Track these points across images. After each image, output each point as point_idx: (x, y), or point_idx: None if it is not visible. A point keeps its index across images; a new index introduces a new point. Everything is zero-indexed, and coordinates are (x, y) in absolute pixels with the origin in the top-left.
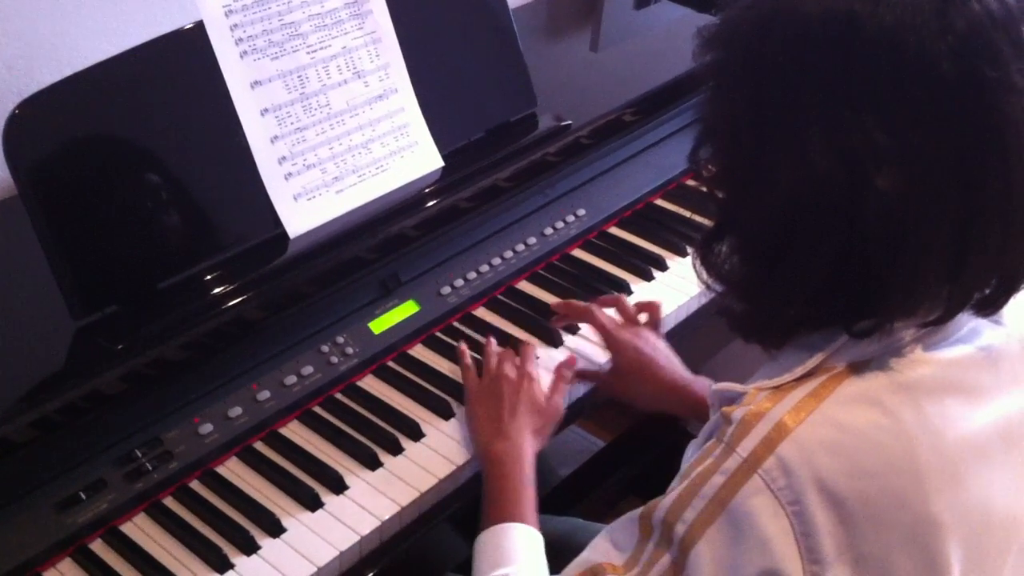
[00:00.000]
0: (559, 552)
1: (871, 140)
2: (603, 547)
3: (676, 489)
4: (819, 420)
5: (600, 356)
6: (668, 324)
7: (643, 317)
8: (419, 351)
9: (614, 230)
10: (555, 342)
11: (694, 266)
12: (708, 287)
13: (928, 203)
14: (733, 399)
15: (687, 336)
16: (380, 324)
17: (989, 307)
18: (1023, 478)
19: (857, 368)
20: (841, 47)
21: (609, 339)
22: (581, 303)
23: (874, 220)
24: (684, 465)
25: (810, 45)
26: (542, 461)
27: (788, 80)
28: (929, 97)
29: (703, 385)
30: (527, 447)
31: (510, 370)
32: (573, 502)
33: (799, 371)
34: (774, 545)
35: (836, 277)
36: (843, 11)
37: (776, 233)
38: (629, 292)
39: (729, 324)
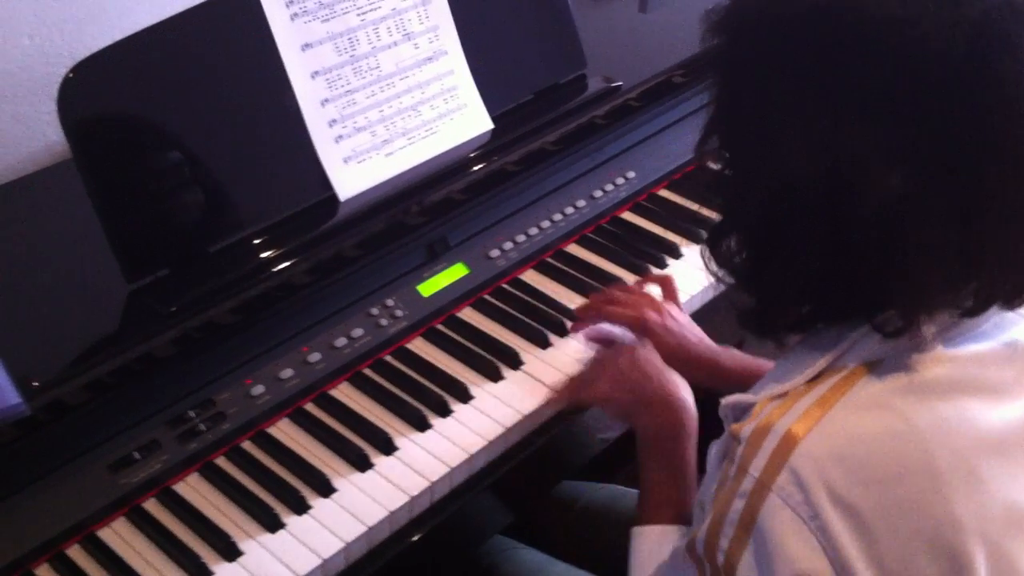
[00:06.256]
0: (601, 520)
1: (867, 139)
2: None
3: (706, 519)
4: (828, 429)
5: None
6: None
7: (657, 291)
8: (468, 314)
9: (664, 193)
10: None
11: (703, 257)
12: (718, 279)
13: (927, 202)
14: (743, 410)
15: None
16: (429, 287)
17: (1015, 300)
18: None
19: (869, 368)
20: (837, 38)
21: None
22: (589, 303)
23: (867, 219)
24: (708, 466)
25: (805, 35)
26: (582, 429)
27: (773, 74)
28: (936, 91)
29: (730, 356)
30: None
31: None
32: (614, 470)
33: (809, 373)
34: (803, 563)
35: (834, 272)
36: (846, 2)
37: (765, 228)
38: (679, 255)
39: (738, 320)
